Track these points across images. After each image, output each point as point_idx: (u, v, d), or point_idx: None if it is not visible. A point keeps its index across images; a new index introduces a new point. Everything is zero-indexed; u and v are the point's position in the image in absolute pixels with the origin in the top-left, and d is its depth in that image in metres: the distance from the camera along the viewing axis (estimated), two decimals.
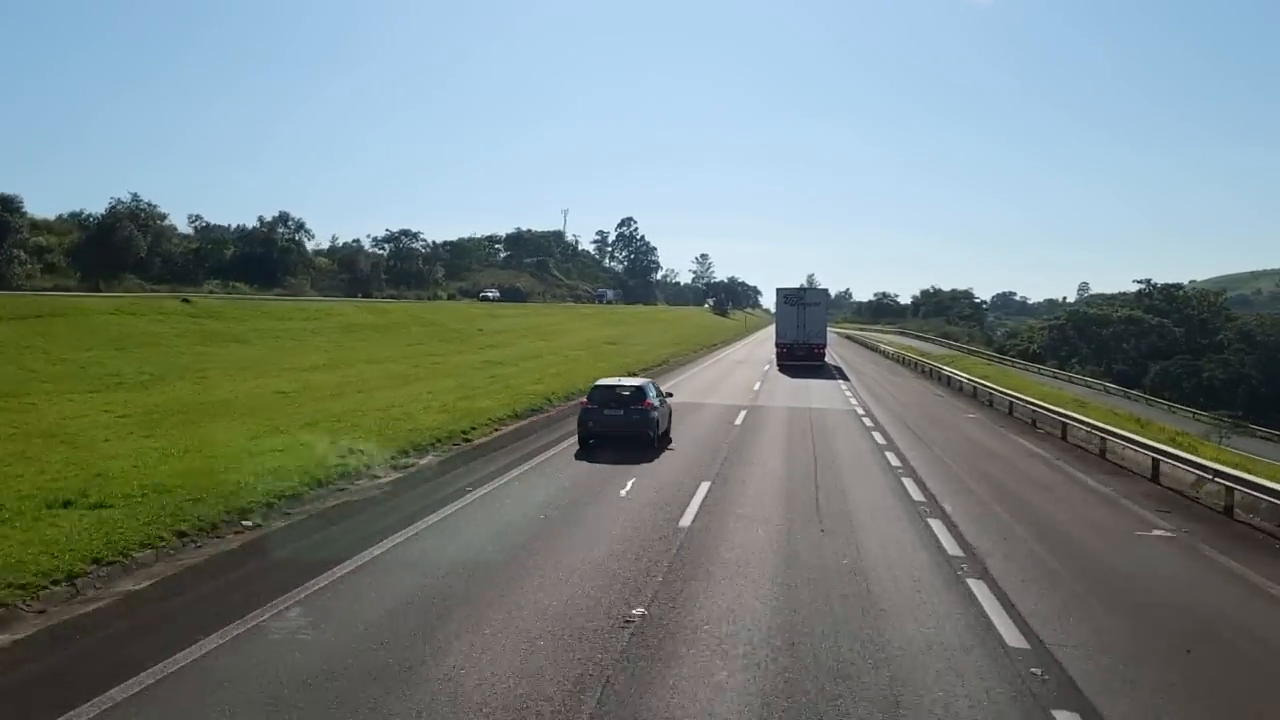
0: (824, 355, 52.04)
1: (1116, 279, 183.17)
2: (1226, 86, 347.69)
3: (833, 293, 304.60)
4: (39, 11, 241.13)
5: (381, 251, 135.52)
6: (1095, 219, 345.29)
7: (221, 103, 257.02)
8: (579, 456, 19.42)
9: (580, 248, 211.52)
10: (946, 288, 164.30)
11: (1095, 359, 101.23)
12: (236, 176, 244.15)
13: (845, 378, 44.74)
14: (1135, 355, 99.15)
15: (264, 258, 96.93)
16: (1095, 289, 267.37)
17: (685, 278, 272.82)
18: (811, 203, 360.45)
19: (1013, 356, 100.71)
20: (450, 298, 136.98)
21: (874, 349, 77.85)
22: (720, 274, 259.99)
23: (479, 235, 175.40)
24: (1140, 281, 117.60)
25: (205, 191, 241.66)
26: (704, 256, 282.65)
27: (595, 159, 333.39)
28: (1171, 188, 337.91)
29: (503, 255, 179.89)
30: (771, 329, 70.17)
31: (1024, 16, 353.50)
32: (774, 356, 50.26)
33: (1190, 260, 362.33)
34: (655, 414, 20.57)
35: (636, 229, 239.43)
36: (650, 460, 18.97)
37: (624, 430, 20.06)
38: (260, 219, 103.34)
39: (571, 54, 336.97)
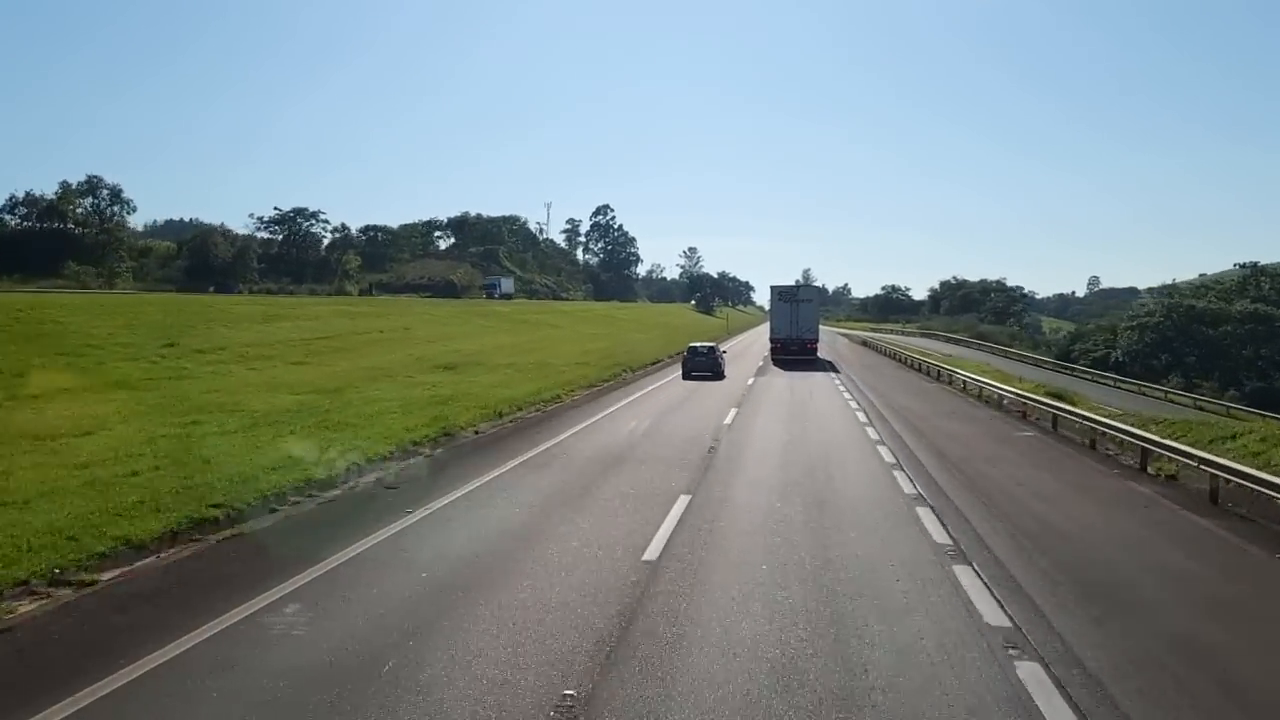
0: (816, 350, 52.55)
1: (1124, 274, 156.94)
2: (1223, 86, 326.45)
3: (830, 288, 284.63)
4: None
5: (272, 237, 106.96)
6: (1092, 215, 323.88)
7: (219, 99, 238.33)
8: (684, 379, 36.71)
9: (545, 237, 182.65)
10: (973, 278, 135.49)
11: (1202, 368, 72.61)
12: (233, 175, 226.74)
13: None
14: (1263, 365, 70.64)
15: (50, 237, 68.69)
16: (1106, 284, 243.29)
17: (674, 273, 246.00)
18: (807, 200, 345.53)
19: (1085, 366, 72.31)
20: (364, 292, 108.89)
21: (939, 377, 43.05)
22: (712, 269, 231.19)
23: (417, 221, 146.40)
24: (1244, 265, 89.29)
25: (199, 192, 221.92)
26: (692, 250, 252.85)
27: (586, 159, 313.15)
28: (1170, 185, 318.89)
29: (448, 243, 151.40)
30: (757, 331, 63.56)
31: (1019, 15, 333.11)
32: (738, 398, 32.36)
33: (1193, 257, 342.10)
34: (721, 359, 40.07)
35: (614, 218, 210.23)
36: (718, 381, 35.71)
37: (705, 368, 38.31)
38: (63, 185, 74.68)
39: (561, 53, 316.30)
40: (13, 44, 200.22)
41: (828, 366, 47.46)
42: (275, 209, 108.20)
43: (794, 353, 49.43)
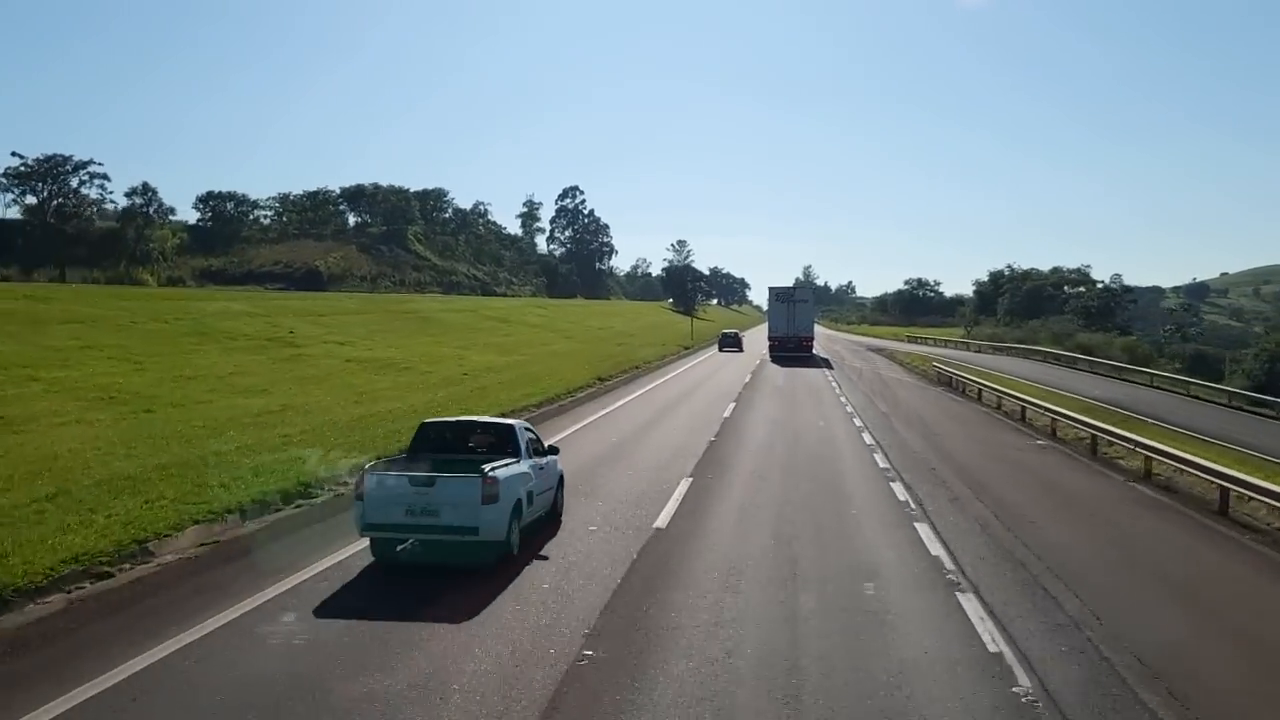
0: (811, 347, 54.29)
1: (1139, 275, 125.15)
2: (1222, 86, 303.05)
3: (833, 286, 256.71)
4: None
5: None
6: (1098, 217, 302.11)
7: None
8: (719, 351, 59.13)
9: (487, 218, 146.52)
10: (1043, 266, 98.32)
11: None
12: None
13: None
14: None
15: None
16: (1128, 283, 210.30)
17: (661, 267, 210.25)
18: (808, 199, 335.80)
19: None
20: (172, 282, 73.89)
21: None
22: (704, 265, 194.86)
23: (299, 192, 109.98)
24: None
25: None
26: (681, 243, 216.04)
27: (578, 159, 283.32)
28: (1180, 187, 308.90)
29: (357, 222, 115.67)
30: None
31: (1016, 16, 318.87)
32: None
33: (1198, 257, 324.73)
34: (743, 340, 65.58)
35: (583, 201, 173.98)
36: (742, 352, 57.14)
37: (733, 346, 61.80)
38: None
39: (554, 52, 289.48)
40: None
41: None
42: (16, 156, 71.70)
43: (791, 349, 50.88)
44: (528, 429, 11.35)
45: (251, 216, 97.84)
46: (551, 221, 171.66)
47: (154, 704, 6.13)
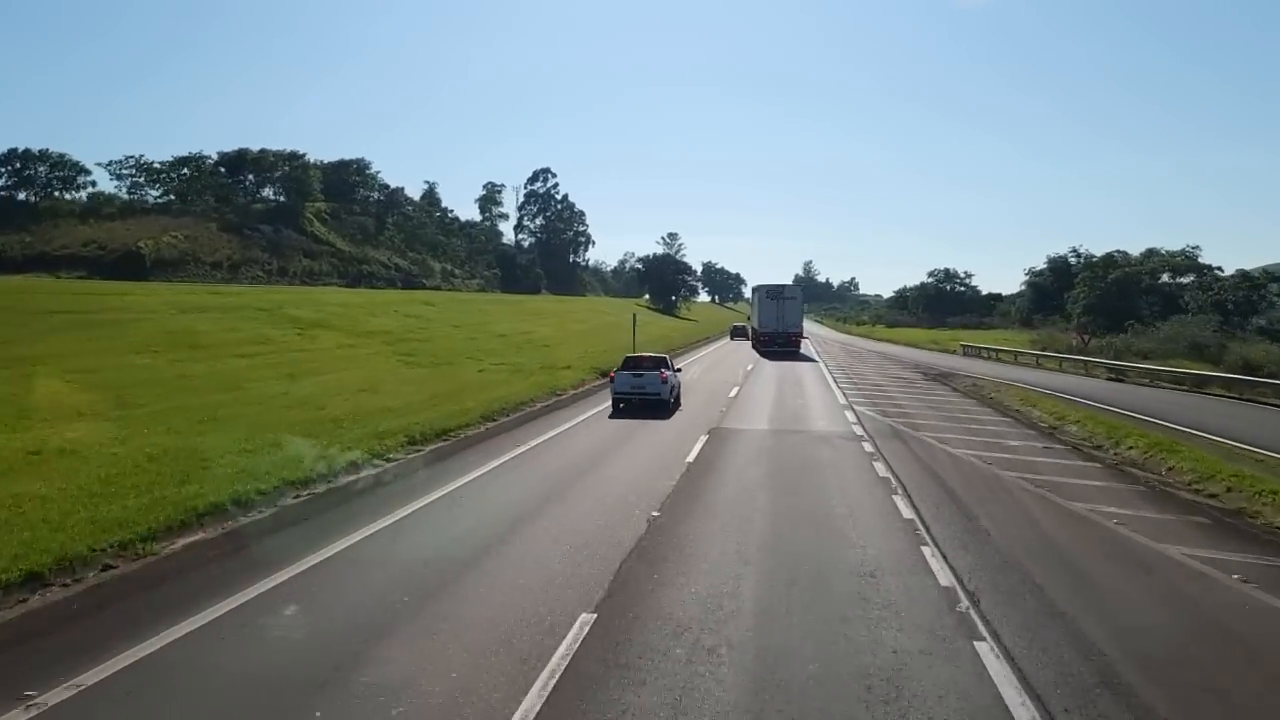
0: (799, 343, 53.37)
1: None
2: (1222, 86, 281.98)
3: (835, 283, 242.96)
4: None
5: None
6: (1090, 218, 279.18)
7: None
8: (730, 340, 70.64)
9: (438, 200, 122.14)
10: (1129, 249, 73.59)
11: None
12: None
13: None
14: None
15: None
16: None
17: (637, 258, 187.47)
18: (807, 198, 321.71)
19: None
20: None
21: None
22: (697, 261, 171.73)
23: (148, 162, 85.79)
24: None
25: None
26: (672, 236, 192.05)
27: (577, 159, 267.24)
28: (1168, 185, 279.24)
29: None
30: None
31: (1014, 17, 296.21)
32: None
33: (1207, 258, 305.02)
34: (749, 330, 65.49)
35: (556, 186, 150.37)
36: (748, 340, 64.35)
37: (742, 336, 68.09)
38: None
39: (554, 52, 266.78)
40: None
41: None
42: None
43: (780, 345, 50.46)
44: (671, 359, 26.54)
45: (80, 183, 73.79)
46: (520, 208, 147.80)
47: None
